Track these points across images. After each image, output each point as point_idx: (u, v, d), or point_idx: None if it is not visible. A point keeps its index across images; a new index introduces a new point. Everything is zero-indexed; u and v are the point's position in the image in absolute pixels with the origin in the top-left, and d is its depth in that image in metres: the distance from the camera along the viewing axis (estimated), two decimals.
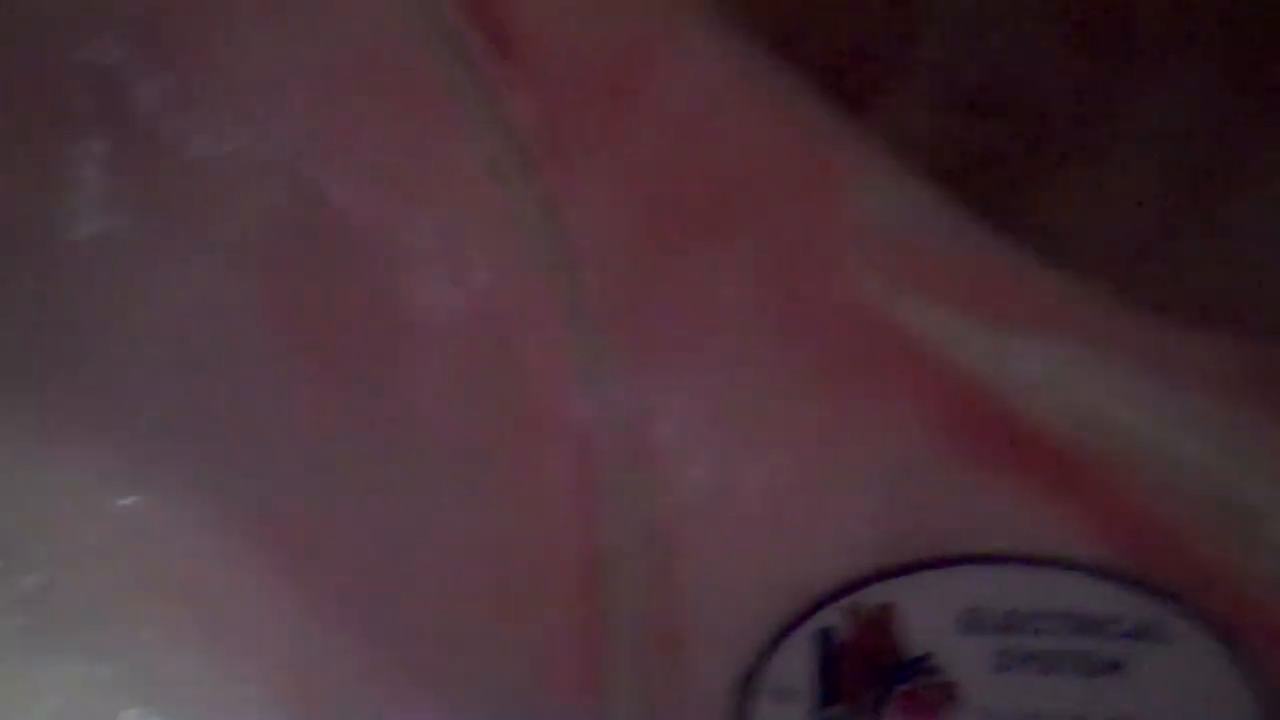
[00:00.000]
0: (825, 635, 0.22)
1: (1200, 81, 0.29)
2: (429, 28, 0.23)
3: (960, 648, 0.22)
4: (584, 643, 0.22)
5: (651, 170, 0.23)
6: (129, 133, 0.23)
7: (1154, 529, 0.23)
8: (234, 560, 0.22)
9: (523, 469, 0.22)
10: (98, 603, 0.22)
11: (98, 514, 0.22)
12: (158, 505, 0.22)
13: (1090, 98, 0.30)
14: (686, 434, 0.22)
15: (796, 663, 0.22)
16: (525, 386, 0.22)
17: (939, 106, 0.30)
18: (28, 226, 0.23)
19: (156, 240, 0.23)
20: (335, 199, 0.23)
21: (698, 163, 0.23)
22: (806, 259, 0.23)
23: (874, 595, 0.22)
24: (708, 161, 0.23)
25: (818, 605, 0.22)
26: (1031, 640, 0.22)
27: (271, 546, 0.22)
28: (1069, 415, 0.23)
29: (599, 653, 0.22)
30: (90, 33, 0.23)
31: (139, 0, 0.23)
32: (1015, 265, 0.24)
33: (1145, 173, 0.29)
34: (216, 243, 0.23)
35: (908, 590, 0.22)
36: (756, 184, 0.23)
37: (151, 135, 0.23)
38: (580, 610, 0.22)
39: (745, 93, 0.24)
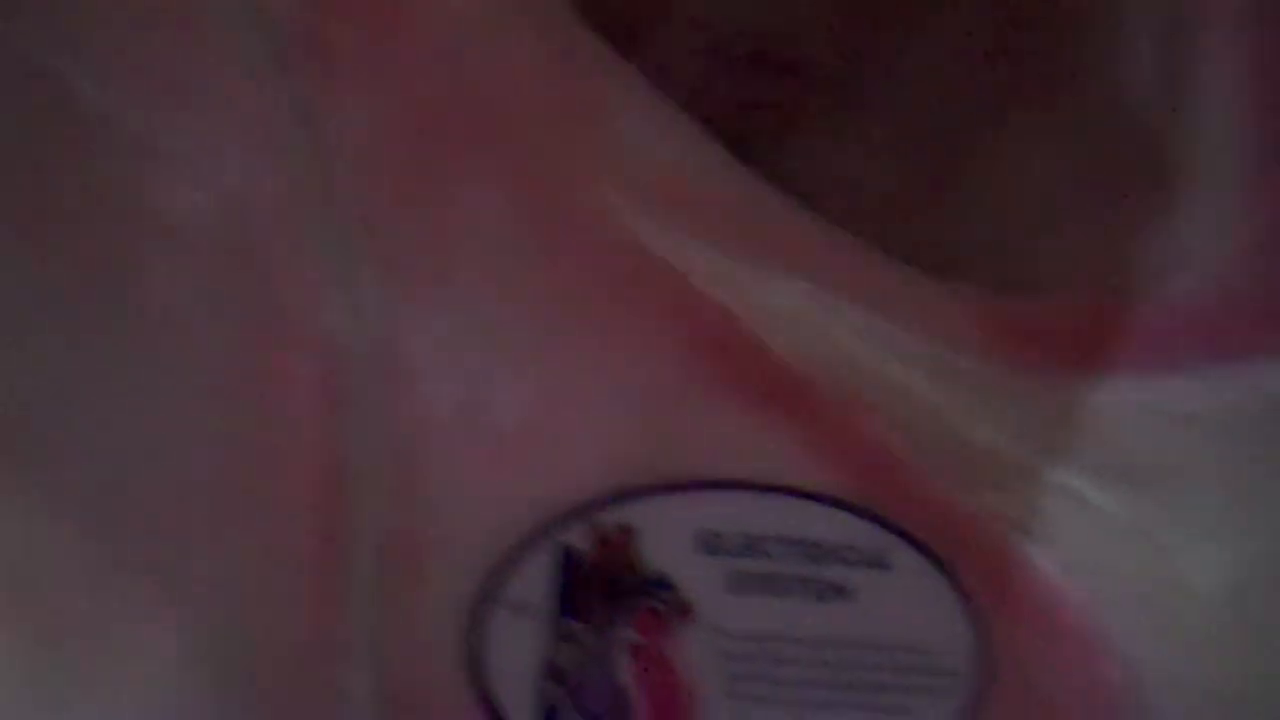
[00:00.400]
0: (566, 552, 0.22)
1: (954, 44, 0.30)
2: None
3: (697, 569, 0.23)
4: (323, 552, 0.22)
5: (413, 85, 0.23)
6: None
7: (885, 464, 0.24)
8: None
9: (267, 376, 0.22)
10: None
11: None
12: None
13: (849, 55, 0.31)
14: (437, 349, 0.22)
15: (536, 578, 0.22)
16: (273, 293, 0.22)
17: (703, 56, 0.30)
18: None
19: None
20: (83, 94, 0.22)
21: (460, 81, 0.23)
22: (566, 184, 0.23)
23: (616, 515, 0.22)
24: (470, 81, 0.23)
25: (560, 522, 0.22)
26: (765, 564, 0.23)
27: (1, 444, 0.21)
28: (813, 352, 0.24)
29: (338, 562, 0.22)
30: None
31: None
32: (771, 206, 0.25)
33: (898, 129, 0.30)
34: None
35: (649, 511, 0.22)
36: (519, 107, 0.23)
37: None
38: (321, 519, 0.22)
39: (512, 15, 0.24)
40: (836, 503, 0.23)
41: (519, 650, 0.22)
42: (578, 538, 0.22)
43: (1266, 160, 0.24)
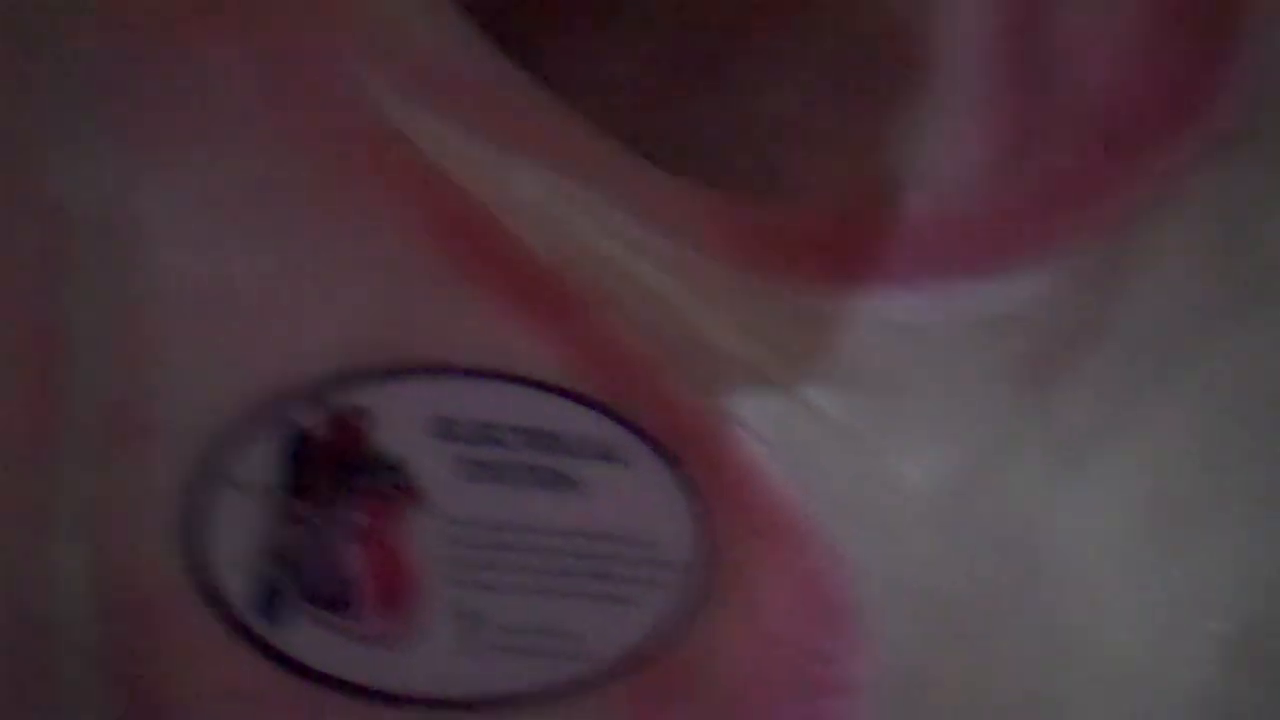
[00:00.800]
0: (296, 431, 0.22)
1: None
2: None
3: (430, 455, 0.23)
4: (39, 421, 0.21)
5: None
6: None
7: (622, 359, 0.24)
8: None
9: None
10: None
11: None
12: None
13: None
14: (169, 216, 0.21)
15: (263, 456, 0.22)
16: None
17: None
18: None
19: None
20: None
21: None
22: (314, 53, 0.22)
23: (349, 395, 0.22)
24: None
25: (290, 400, 0.22)
26: (498, 452, 0.23)
27: None
28: (557, 243, 0.24)
29: (54, 432, 0.21)
30: None
31: None
32: (525, 95, 0.24)
33: (654, 34, 0.30)
34: None
35: (383, 394, 0.22)
36: None
37: None
38: (37, 387, 0.21)
39: None
40: (571, 395, 0.23)
41: (241, 530, 0.22)
42: (308, 417, 0.22)
43: (1002, 83, 0.25)
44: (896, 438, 0.25)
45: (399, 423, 0.22)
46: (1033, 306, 0.25)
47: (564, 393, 0.23)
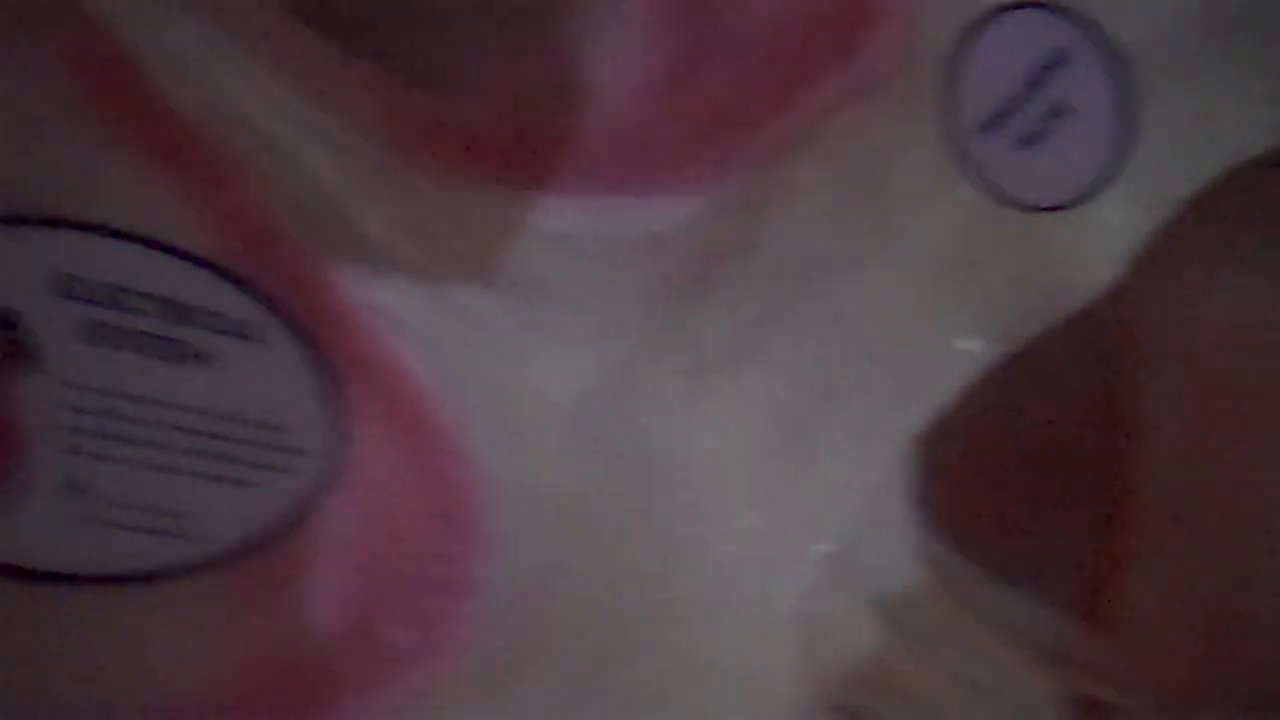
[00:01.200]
0: None
1: None
2: None
3: (50, 312, 0.21)
4: None
5: None
6: None
7: (267, 235, 0.23)
8: None
9: None
10: None
11: None
12: None
13: None
14: None
15: None
16: None
17: None
18: None
19: None
20: None
21: None
22: None
23: None
24: None
25: None
26: (125, 318, 0.22)
27: None
28: (211, 105, 0.23)
29: None
30: None
31: None
32: None
33: None
34: None
35: (2, 242, 0.21)
36: None
37: None
38: None
39: None
40: (208, 265, 0.22)
41: None
42: None
43: (668, 7, 0.26)
44: (538, 345, 0.25)
45: (15, 274, 0.21)
46: (680, 229, 0.26)
47: (200, 262, 0.22)
